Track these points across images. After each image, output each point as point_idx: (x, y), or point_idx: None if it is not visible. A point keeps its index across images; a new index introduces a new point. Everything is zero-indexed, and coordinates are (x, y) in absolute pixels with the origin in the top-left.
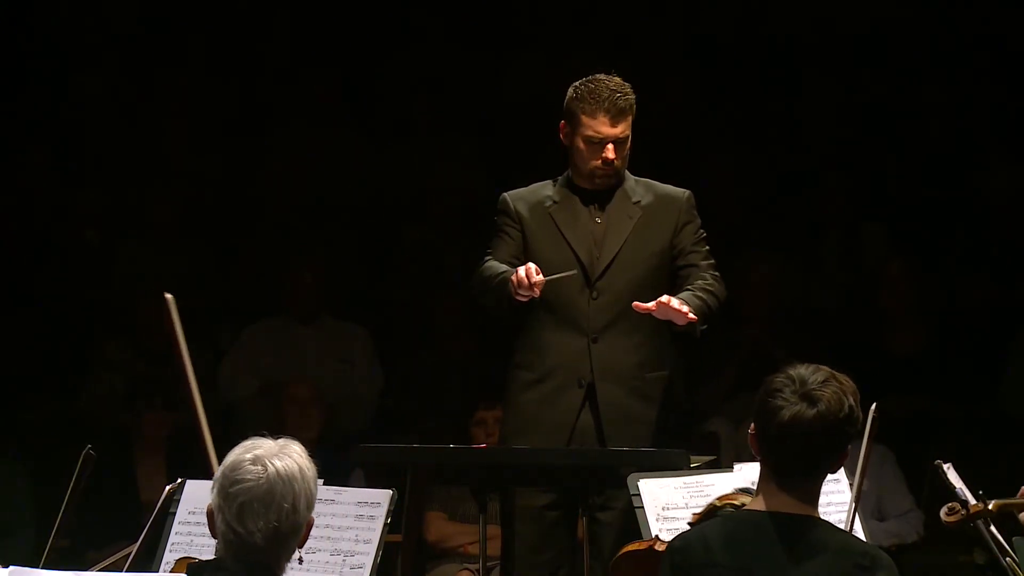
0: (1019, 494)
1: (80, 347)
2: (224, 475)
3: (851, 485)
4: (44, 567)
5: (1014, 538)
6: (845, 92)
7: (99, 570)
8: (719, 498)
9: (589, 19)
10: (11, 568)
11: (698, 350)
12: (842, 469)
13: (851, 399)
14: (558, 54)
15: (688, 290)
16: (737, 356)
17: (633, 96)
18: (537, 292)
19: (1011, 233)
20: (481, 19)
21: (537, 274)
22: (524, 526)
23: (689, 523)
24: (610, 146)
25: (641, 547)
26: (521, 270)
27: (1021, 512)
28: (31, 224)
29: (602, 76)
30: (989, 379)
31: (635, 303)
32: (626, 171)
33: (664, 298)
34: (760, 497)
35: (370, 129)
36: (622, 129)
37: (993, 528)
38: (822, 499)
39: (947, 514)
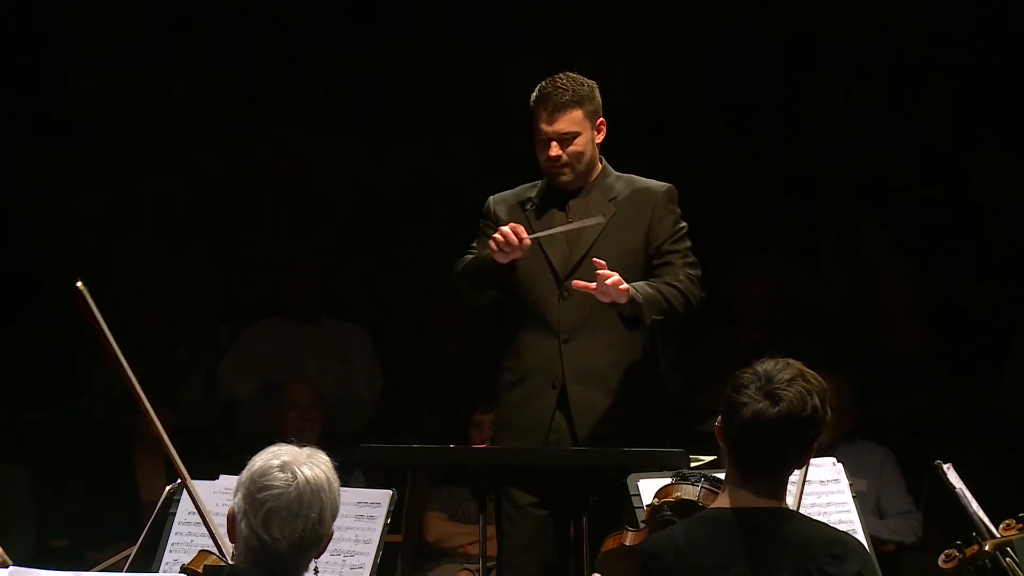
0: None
1: (80, 347)
2: (251, 480)
3: (851, 486)
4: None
5: (1014, 538)
6: (845, 92)
7: (99, 570)
8: (657, 496)
9: (589, 19)
10: (11, 568)
11: (698, 351)
12: (842, 469)
13: (816, 399)
14: (558, 54)
15: (648, 282)
16: (737, 356)
17: (583, 92)
18: (522, 251)
19: (1010, 233)
20: (481, 19)
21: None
22: (512, 526)
23: (643, 521)
24: (553, 144)
25: (614, 545)
26: (506, 228)
27: None
28: (31, 224)
29: (560, 75)
30: (989, 379)
31: (575, 281)
32: (607, 167)
33: (603, 271)
34: (726, 492)
35: (370, 129)
36: (563, 126)
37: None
38: (822, 499)
39: (944, 561)
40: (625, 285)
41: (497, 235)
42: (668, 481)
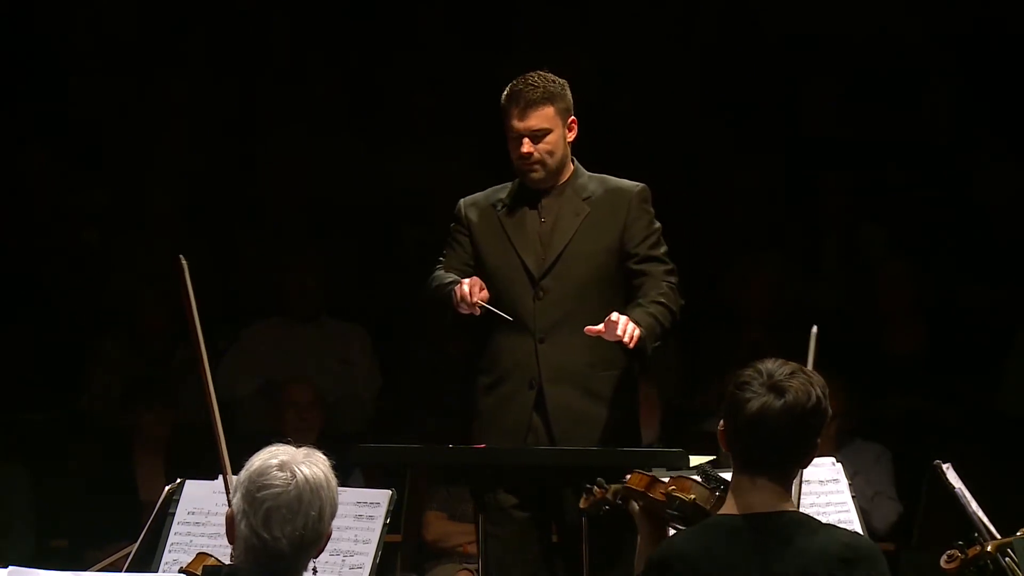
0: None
1: (79, 347)
2: (250, 480)
3: (850, 485)
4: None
5: (1013, 538)
6: (845, 92)
7: (99, 570)
8: (675, 483)
9: (589, 19)
10: (10, 568)
11: (698, 351)
12: (841, 469)
13: (818, 390)
14: (558, 54)
15: (639, 305)
16: (737, 357)
17: (554, 89)
18: (476, 311)
19: (1010, 233)
20: (481, 19)
21: (482, 290)
22: (495, 527)
23: (663, 495)
24: (525, 140)
25: (638, 486)
26: (465, 284)
27: None
28: (31, 224)
29: (531, 73)
30: (988, 379)
31: (587, 328)
32: (579, 167)
33: (614, 316)
34: (733, 496)
35: (370, 129)
36: (535, 122)
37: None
38: (821, 499)
39: (947, 562)
40: (637, 332)
41: (457, 290)
42: (693, 475)
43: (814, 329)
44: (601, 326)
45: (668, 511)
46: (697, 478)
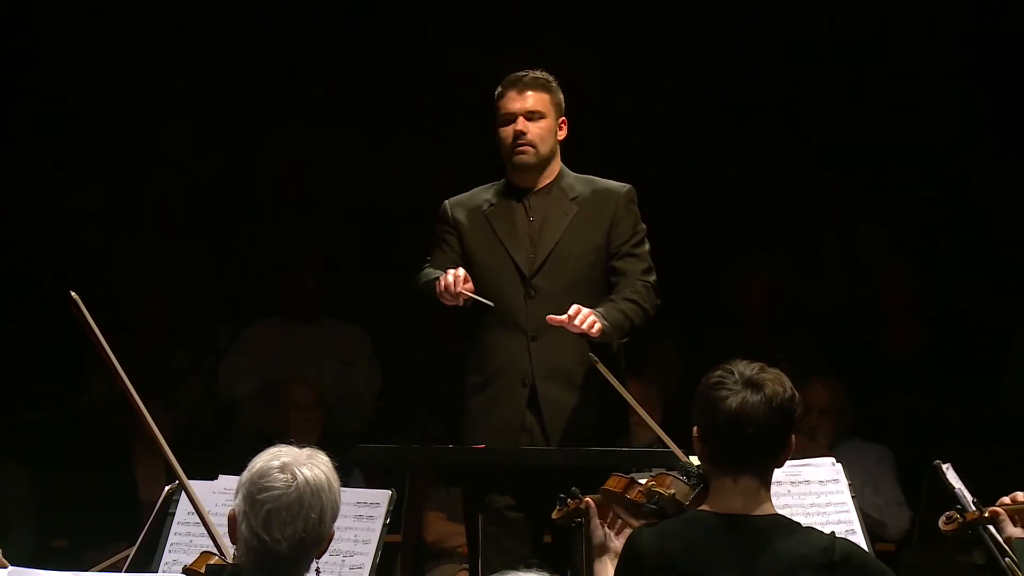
0: (1010, 498)
1: (80, 348)
2: (251, 481)
3: (850, 486)
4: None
5: (1014, 538)
6: (845, 92)
7: (99, 570)
8: (655, 479)
9: (589, 19)
10: (10, 568)
11: (698, 351)
12: (841, 469)
13: (789, 383)
14: (558, 54)
15: (611, 301)
16: (737, 357)
17: (552, 83)
18: (460, 302)
19: (1010, 233)
20: (481, 19)
21: (466, 282)
22: (488, 528)
23: (640, 494)
24: (520, 119)
25: (616, 488)
26: (449, 275)
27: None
28: (31, 224)
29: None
30: (988, 379)
31: (549, 316)
32: (564, 168)
33: (573, 309)
34: (714, 497)
35: (370, 129)
36: (532, 103)
37: (993, 529)
38: (822, 499)
39: (945, 523)
40: (599, 325)
41: (441, 280)
42: (674, 472)
43: (591, 356)
44: (564, 316)
45: (646, 505)
46: (677, 474)
